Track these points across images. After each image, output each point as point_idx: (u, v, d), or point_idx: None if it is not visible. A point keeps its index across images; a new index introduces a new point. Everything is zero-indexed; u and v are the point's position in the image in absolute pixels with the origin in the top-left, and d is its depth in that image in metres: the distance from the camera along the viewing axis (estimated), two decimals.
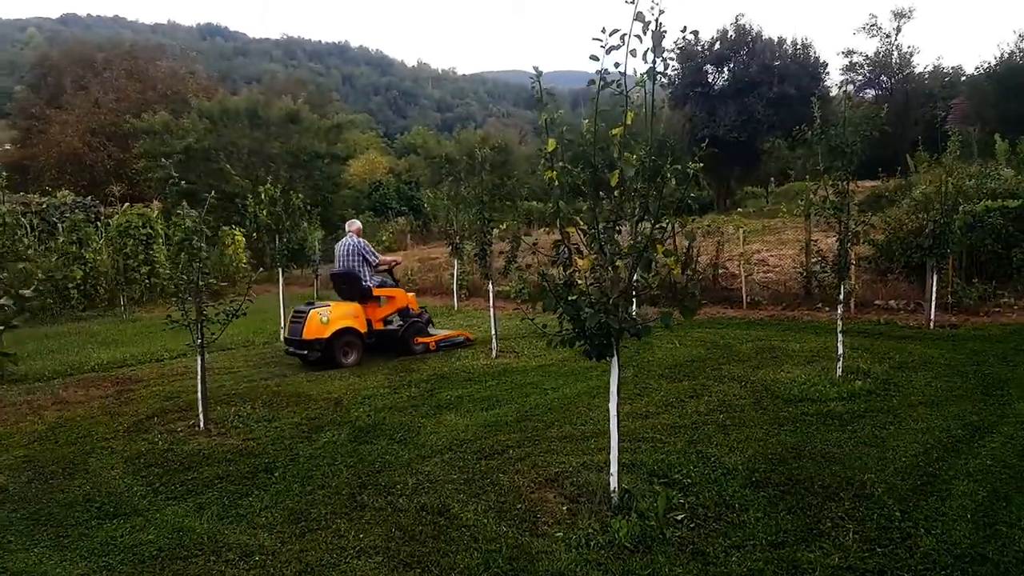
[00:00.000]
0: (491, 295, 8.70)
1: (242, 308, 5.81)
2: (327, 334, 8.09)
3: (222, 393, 7.00)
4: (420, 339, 9.03)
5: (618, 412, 3.97)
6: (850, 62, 31.61)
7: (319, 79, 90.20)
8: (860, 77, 31.82)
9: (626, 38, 3.46)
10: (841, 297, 6.78)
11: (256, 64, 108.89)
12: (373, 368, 8.00)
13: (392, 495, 4.25)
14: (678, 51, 34.13)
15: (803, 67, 32.67)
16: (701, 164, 3.65)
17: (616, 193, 3.69)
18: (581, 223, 3.84)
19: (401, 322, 8.98)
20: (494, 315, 8.64)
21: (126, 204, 13.89)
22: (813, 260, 11.50)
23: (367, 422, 5.81)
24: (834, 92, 34.57)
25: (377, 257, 8.99)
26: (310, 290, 16.51)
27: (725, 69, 34.03)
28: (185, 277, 5.74)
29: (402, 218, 28.39)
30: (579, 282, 3.87)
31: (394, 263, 9.98)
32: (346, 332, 8.29)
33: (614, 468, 3.88)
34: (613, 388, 3.94)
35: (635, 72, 3.54)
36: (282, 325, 10.36)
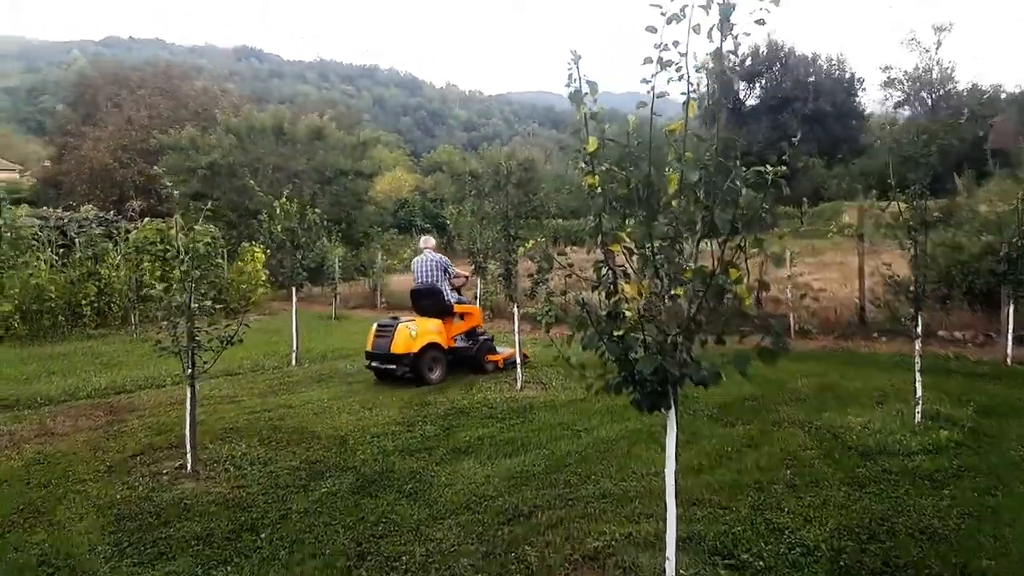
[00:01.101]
0: (516, 319, 7.95)
1: (237, 335, 5.14)
2: (416, 348, 7.93)
3: (220, 427, 6.36)
4: (490, 357, 8.76)
5: (677, 479, 3.17)
6: (888, 77, 30.52)
7: (350, 100, 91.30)
8: (899, 93, 30.68)
9: (687, 10, 2.73)
10: (919, 329, 5.90)
11: (290, 86, 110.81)
12: (385, 399, 7.29)
13: (396, 571, 3.50)
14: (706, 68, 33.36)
15: (838, 83, 31.64)
16: (785, 167, 2.89)
17: (674, 204, 2.95)
18: (628, 241, 3.10)
19: (470, 340, 8.74)
20: (519, 341, 7.89)
21: (146, 219, 13.56)
22: (872, 285, 10.64)
23: (373, 468, 5.08)
24: (870, 109, 33.44)
25: (456, 272, 8.89)
26: (329, 308, 15.97)
27: (757, 85, 33.15)
28: (179, 297, 5.11)
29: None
30: (627, 313, 3.12)
31: (466, 279, 9.64)
32: (432, 347, 8.13)
33: (671, 551, 3.08)
34: (670, 450, 3.15)
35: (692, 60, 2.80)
36: (295, 348, 9.75)
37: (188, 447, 5.15)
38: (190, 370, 5.13)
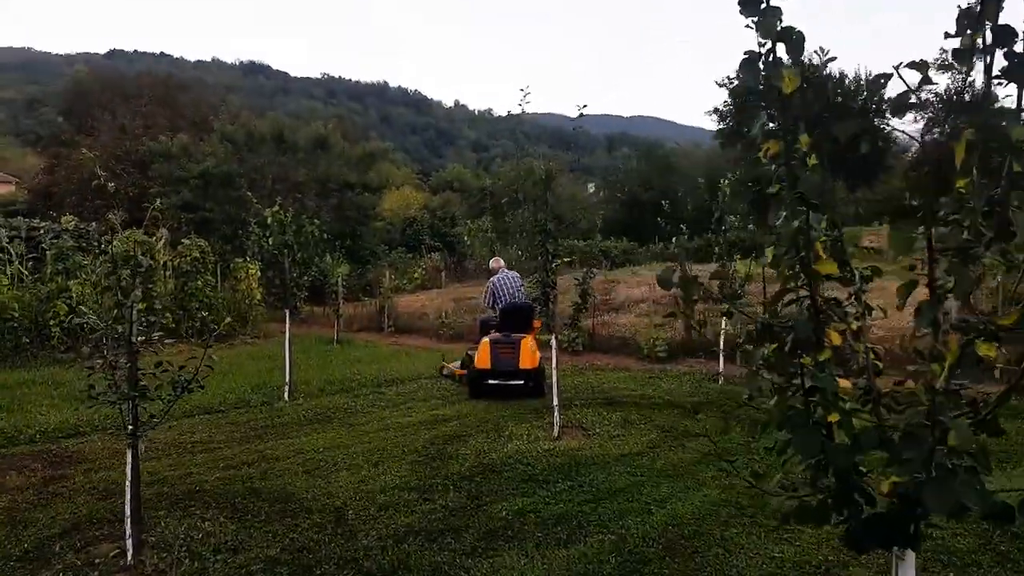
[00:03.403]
0: (554, 351, 6.59)
1: (196, 378, 3.78)
2: (537, 363, 8.08)
3: (183, 487, 4.98)
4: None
5: None
6: (919, 99, 29.15)
7: (357, 117, 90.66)
8: (929, 113, 29.41)
9: None
10: None
11: (296, 102, 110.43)
12: (393, 447, 5.90)
13: None
14: (728, 88, 32.29)
15: (868, 103, 30.46)
16: None
17: (961, 185, 1.60)
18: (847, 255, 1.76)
19: None
20: (556, 379, 6.51)
21: (128, 231, 12.35)
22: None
23: (381, 562, 3.69)
24: (899, 132, 32.23)
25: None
26: (331, 331, 14.60)
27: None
28: (114, 325, 3.79)
29: (436, 254, 26.58)
30: (842, 381, 1.76)
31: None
32: (541, 361, 8.25)
33: None
34: None
35: None
36: (287, 380, 8.38)
37: (128, 531, 3.79)
38: (131, 425, 3.79)
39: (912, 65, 1.67)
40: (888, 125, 30.80)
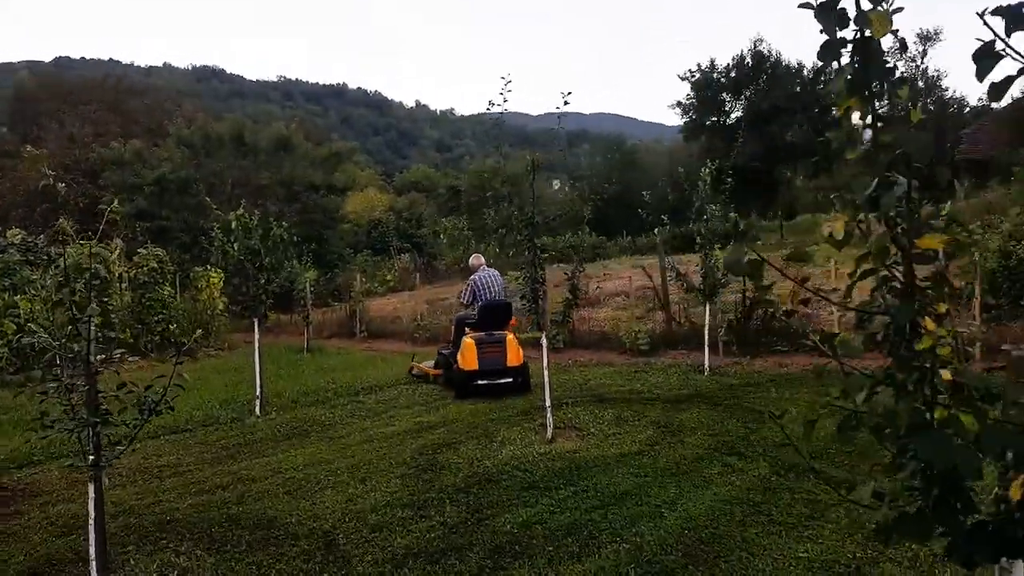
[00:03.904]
0: (545, 351, 6.30)
1: (163, 400, 3.39)
2: (522, 359, 8.03)
3: (153, 518, 4.56)
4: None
5: None
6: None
7: (317, 119, 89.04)
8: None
9: None
10: None
11: (253, 105, 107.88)
12: (380, 460, 5.55)
13: None
14: (691, 80, 32.50)
15: (825, 93, 30.92)
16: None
17: None
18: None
19: None
20: (548, 379, 6.22)
21: (82, 241, 11.62)
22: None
23: None
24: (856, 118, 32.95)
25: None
26: (300, 339, 14.09)
27: (742, 97, 32.29)
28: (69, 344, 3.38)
29: (406, 255, 26.07)
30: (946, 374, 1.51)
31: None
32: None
33: None
34: None
35: None
36: (258, 393, 7.93)
37: (93, 572, 3.38)
38: (91, 455, 3.38)
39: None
40: None
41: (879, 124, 1.48)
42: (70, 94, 27.27)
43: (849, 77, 1.48)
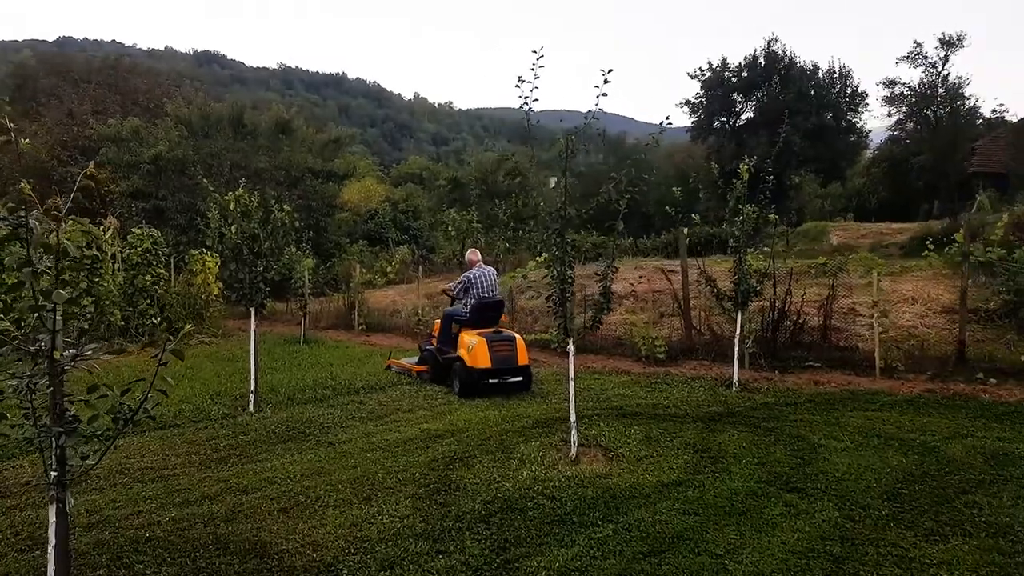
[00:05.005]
0: (571, 359, 5.71)
1: (141, 408, 2.81)
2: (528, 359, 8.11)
3: (130, 533, 3.97)
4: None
5: None
6: (891, 93, 29.25)
7: (315, 109, 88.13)
8: (904, 108, 29.41)
9: None
10: None
11: (252, 92, 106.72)
12: (386, 475, 4.96)
13: None
14: (702, 79, 31.91)
15: (840, 97, 30.43)
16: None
17: None
18: None
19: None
20: (574, 392, 5.63)
21: (71, 220, 10.97)
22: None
23: None
24: (870, 125, 32.38)
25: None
26: (297, 330, 13.46)
27: (754, 97, 31.72)
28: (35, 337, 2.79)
29: (404, 247, 25.41)
30: None
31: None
32: None
33: None
34: None
35: None
36: (252, 388, 7.33)
37: None
38: (54, 471, 2.79)
39: None
40: (860, 119, 30.84)
41: None
42: (71, 72, 26.46)
43: None
